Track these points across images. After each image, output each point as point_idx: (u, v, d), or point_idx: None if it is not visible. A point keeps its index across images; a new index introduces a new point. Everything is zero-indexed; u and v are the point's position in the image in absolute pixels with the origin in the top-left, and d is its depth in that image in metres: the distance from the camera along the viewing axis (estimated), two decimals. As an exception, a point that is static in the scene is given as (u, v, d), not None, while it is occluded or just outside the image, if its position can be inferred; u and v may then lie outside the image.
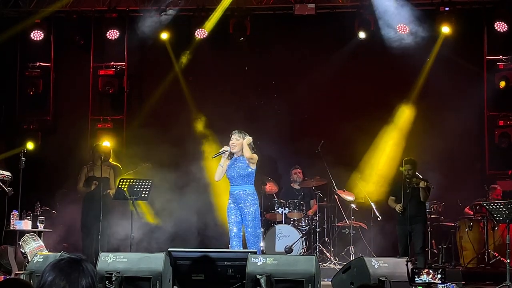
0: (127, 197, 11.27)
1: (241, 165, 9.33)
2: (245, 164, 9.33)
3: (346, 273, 8.71)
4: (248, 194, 9.30)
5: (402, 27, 14.17)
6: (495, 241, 12.86)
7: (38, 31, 14.91)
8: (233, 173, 9.35)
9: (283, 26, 14.88)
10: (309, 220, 13.36)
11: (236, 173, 9.33)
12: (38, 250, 10.41)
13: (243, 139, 9.37)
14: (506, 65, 14.41)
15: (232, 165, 9.40)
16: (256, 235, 9.39)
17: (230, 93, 14.47)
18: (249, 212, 9.26)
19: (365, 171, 13.89)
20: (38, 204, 12.49)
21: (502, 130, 14.40)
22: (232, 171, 9.36)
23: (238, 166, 9.35)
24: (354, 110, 14.25)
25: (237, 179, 9.34)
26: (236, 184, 9.36)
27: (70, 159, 13.87)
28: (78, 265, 2.95)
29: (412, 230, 11.16)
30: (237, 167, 9.35)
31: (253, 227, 9.27)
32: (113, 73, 15.25)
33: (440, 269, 7.18)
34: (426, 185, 11.12)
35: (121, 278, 8.28)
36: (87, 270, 2.97)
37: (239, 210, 9.34)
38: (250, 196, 9.31)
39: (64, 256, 3.21)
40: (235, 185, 9.36)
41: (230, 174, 9.39)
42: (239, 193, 9.31)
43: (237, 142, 9.36)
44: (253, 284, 7.97)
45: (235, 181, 9.36)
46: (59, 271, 2.98)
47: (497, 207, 10.26)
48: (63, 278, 2.93)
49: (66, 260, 3.03)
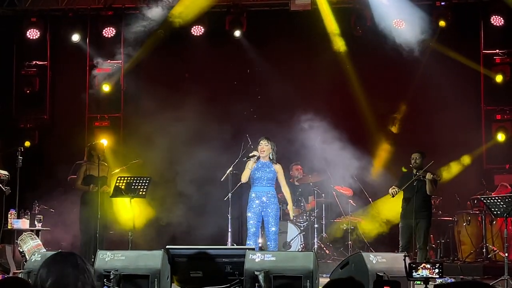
0: (124, 195, 11.21)
1: (271, 169, 10.38)
2: (273, 169, 10.39)
3: (344, 268, 8.71)
4: (272, 196, 10.35)
5: (399, 22, 14.17)
6: (493, 235, 12.86)
7: (34, 29, 14.91)
8: (261, 175, 10.32)
9: (280, 22, 14.86)
10: (307, 216, 13.36)
11: (263, 176, 10.32)
12: (36, 249, 10.38)
13: (271, 144, 10.44)
14: (503, 59, 14.41)
15: (260, 167, 10.37)
16: (277, 233, 10.38)
17: (227, 89, 14.46)
18: (273, 212, 10.28)
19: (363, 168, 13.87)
20: (35, 202, 12.49)
21: (499, 124, 14.40)
22: (260, 173, 10.34)
23: (265, 170, 10.36)
24: (352, 105, 14.25)
25: (264, 181, 10.33)
26: (262, 185, 10.34)
27: (68, 157, 13.84)
28: (71, 260, 2.93)
29: (417, 224, 11.09)
30: (264, 170, 10.35)
31: (276, 225, 10.30)
32: (110, 71, 15.22)
33: (438, 263, 7.17)
34: (432, 177, 11.06)
35: (119, 276, 8.27)
36: (82, 265, 2.95)
37: (261, 211, 10.26)
38: (273, 198, 10.35)
39: (58, 252, 3.19)
40: (261, 186, 10.33)
41: (257, 176, 10.35)
42: (265, 195, 10.29)
43: (266, 147, 10.40)
44: (251, 281, 7.97)
45: (261, 183, 10.34)
46: (53, 266, 2.96)
47: (495, 202, 10.28)
48: (56, 273, 2.91)
49: (60, 255, 3.02)
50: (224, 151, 12.76)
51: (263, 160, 10.42)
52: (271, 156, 10.44)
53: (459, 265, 12.22)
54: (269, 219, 10.25)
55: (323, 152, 13.06)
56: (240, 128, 13.05)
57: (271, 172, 10.37)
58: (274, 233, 10.23)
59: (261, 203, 10.27)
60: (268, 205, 10.27)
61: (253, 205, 10.29)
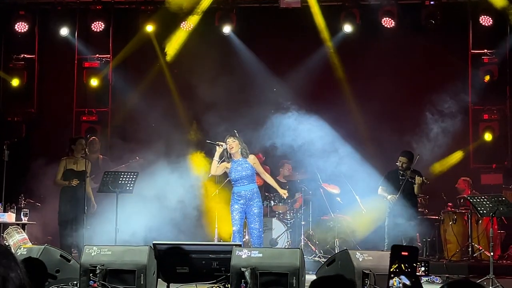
0: (111, 190, 11.14)
1: (246, 166, 10.11)
2: (249, 164, 10.12)
3: (331, 266, 8.73)
4: (254, 193, 10.14)
5: (387, 21, 14.21)
6: (478, 235, 12.92)
7: (22, 22, 14.83)
8: (238, 175, 10.08)
9: (269, 19, 14.86)
10: (294, 213, 13.37)
11: (241, 175, 10.08)
12: (22, 243, 10.36)
13: (238, 140, 10.15)
14: (491, 59, 14.47)
15: (236, 168, 10.12)
16: (262, 230, 10.24)
17: (216, 85, 14.42)
18: (256, 210, 10.09)
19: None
20: (22, 196, 12.43)
21: (486, 124, 14.48)
22: (237, 173, 10.09)
23: (242, 167, 10.10)
24: (341, 102, 14.28)
25: (243, 180, 10.08)
26: (242, 184, 10.10)
27: (55, 151, 13.78)
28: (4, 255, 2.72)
29: (403, 223, 11.17)
30: (241, 169, 10.09)
31: (260, 222, 10.13)
32: (98, 65, 15.18)
33: (423, 262, 7.19)
34: (422, 181, 11.18)
35: (105, 270, 8.26)
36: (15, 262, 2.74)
37: (244, 209, 10.06)
38: (256, 194, 10.15)
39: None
40: (242, 185, 10.11)
41: (235, 176, 10.12)
42: (246, 193, 10.08)
43: (234, 144, 10.11)
44: (237, 277, 7.97)
45: (241, 182, 10.09)
46: None
47: (481, 201, 10.32)
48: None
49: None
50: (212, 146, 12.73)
51: (236, 158, 10.17)
52: (241, 151, 10.18)
53: (444, 264, 12.27)
54: (253, 217, 10.09)
55: (312, 150, 13.06)
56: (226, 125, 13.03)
57: (248, 168, 10.12)
58: (258, 230, 10.10)
59: (245, 202, 10.10)
60: (251, 203, 10.09)
61: (235, 204, 10.12)
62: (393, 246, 5.92)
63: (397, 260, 5.86)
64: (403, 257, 5.85)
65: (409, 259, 5.88)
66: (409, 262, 5.90)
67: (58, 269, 8.72)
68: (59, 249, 9.12)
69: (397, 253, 5.92)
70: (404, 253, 5.92)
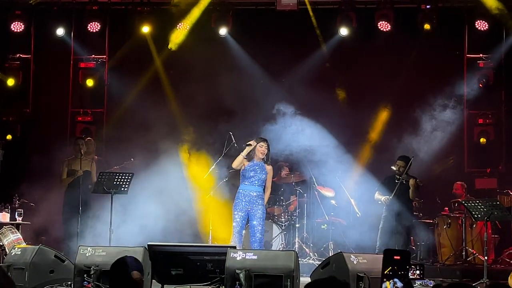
0: (106, 191, 11.16)
1: (264, 170, 10.42)
2: (265, 170, 10.43)
3: (325, 268, 8.74)
4: (260, 197, 10.37)
5: (384, 25, 14.23)
6: (472, 239, 12.94)
7: (18, 22, 14.79)
8: (254, 174, 10.34)
9: (265, 21, 14.86)
10: (288, 215, 13.37)
11: (256, 174, 10.35)
12: (16, 243, 10.36)
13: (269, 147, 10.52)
14: (486, 64, 14.50)
15: (254, 167, 10.39)
16: (263, 234, 10.48)
17: (210, 87, 14.42)
18: (260, 212, 10.29)
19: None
20: (16, 196, 12.43)
21: (481, 128, 14.51)
22: (254, 172, 10.36)
23: (260, 169, 10.39)
24: (337, 105, 14.29)
25: (256, 180, 10.34)
26: (253, 184, 10.34)
27: (49, 151, 13.77)
28: None
29: (397, 227, 11.20)
30: (259, 170, 10.38)
31: (263, 225, 10.33)
32: (94, 66, 15.16)
33: (419, 265, 7.19)
34: (415, 183, 11.20)
35: (100, 271, 8.25)
36: None
37: (247, 209, 10.25)
38: (261, 199, 10.38)
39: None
40: (252, 185, 10.34)
41: (251, 174, 10.37)
42: (253, 194, 10.31)
43: (266, 148, 10.45)
44: (232, 279, 7.97)
45: (253, 182, 10.34)
46: None
47: (475, 205, 10.36)
48: None
49: None
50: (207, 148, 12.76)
51: (258, 161, 10.43)
52: (265, 157, 10.48)
53: (438, 268, 12.29)
54: (257, 220, 10.25)
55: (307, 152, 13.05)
56: (223, 126, 13.05)
57: (264, 173, 10.42)
58: (260, 232, 10.26)
59: (249, 203, 10.28)
60: (256, 205, 10.28)
61: (240, 203, 10.29)
62: (385, 251, 5.92)
63: (389, 264, 5.86)
64: (396, 261, 5.86)
65: (401, 263, 5.89)
66: (402, 266, 5.91)
67: (52, 269, 8.72)
68: (53, 250, 9.13)
69: (389, 257, 5.92)
70: (396, 257, 5.93)
